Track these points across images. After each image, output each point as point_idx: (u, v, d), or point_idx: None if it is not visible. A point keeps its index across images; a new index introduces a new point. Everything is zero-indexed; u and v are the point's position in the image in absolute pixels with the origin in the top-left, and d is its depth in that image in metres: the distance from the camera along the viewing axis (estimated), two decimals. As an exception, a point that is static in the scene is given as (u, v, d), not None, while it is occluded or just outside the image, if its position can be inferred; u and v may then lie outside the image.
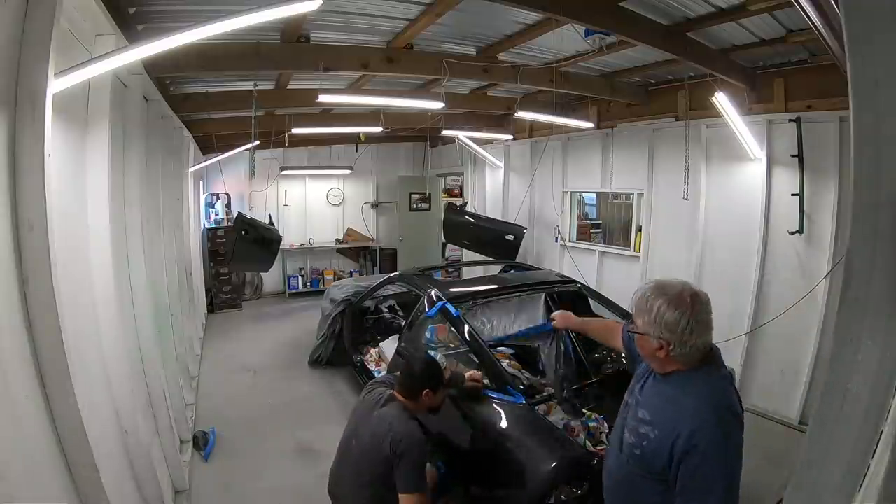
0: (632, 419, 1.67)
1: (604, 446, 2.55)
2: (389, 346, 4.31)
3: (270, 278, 8.82)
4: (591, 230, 7.48)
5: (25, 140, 1.41)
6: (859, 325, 0.87)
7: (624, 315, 3.75)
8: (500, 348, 3.41)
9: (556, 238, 6.70)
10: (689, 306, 1.57)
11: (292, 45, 3.70)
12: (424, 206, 9.45)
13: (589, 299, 4.02)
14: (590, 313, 4.09)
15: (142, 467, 2.49)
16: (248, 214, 6.63)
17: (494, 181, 8.17)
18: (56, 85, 1.55)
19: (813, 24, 2.03)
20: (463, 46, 4.17)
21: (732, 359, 4.31)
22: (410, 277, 4.15)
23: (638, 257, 5.59)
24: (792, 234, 4.08)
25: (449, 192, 10.51)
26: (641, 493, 1.62)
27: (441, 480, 2.46)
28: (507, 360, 3.31)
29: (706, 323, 1.58)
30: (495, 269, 5.69)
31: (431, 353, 2.60)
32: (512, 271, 4.82)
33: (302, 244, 9.13)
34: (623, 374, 3.52)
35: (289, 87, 5.13)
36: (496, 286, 3.70)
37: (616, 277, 5.93)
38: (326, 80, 4.85)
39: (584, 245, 6.55)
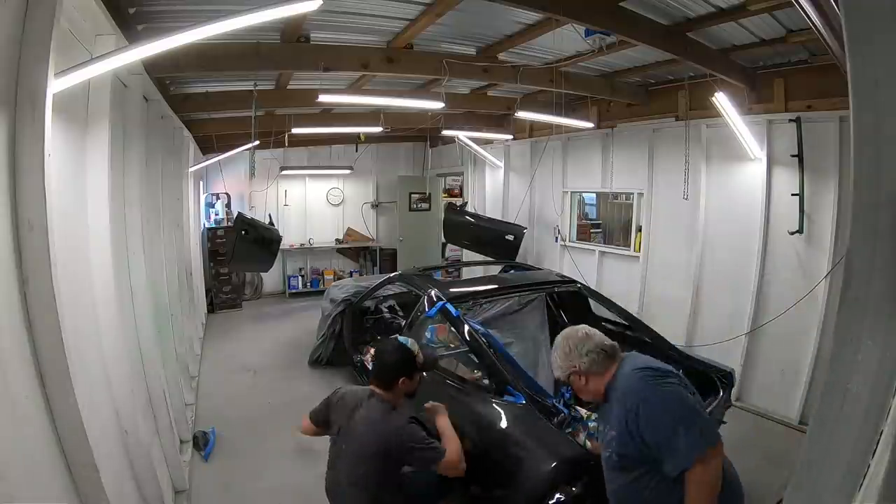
0: (606, 443, 1.92)
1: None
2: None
3: (270, 278, 8.82)
4: (591, 230, 7.48)
5: (25, 140, 1.41)
6: (859, 325, 0.87)
7: (623, 315, 3.76)
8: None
9: (556, 238, 6.70)
10: (564, 339, 1.98)
11: (292, 45, 3.70)
12: (424, 206, 9.45)
13: (589, 299, 4.03)
14: (590, 313, 4.10)
15: (142, 467, 2.49)
16: (248, 214, 6.63)
17: (494, 181, 8.17)
18: (56, 85, 1.55)
19: (813, 24, 2.03)
20: (463, 46, 4.17)
21: (732, 359, 4.30)
22: (410, 277, 4.15)
23: (638, 257, 5.59)
24: (792, 234, 4.08)
25: (449, 192, 10.51)
26: (641, 493, 1.76)
27: (440, 482, 2.46)
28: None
29: (582, 338, 1.94)
30: (495, 269, 5.70)
31: (401, 339, 2.62)
32: (512, 271, 4.82)
33: (302, 244, 9.13)
34: (623, 374, 3.53)
35: (289, 87, 5.13)
36: (496, 286, 3.70)
37: (616, 277, 5.93)
38: (326, 80, 4.85)
39: (584, 245, 6.55)
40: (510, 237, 6.61)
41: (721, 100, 3.90)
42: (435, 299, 3.36)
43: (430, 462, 2.20)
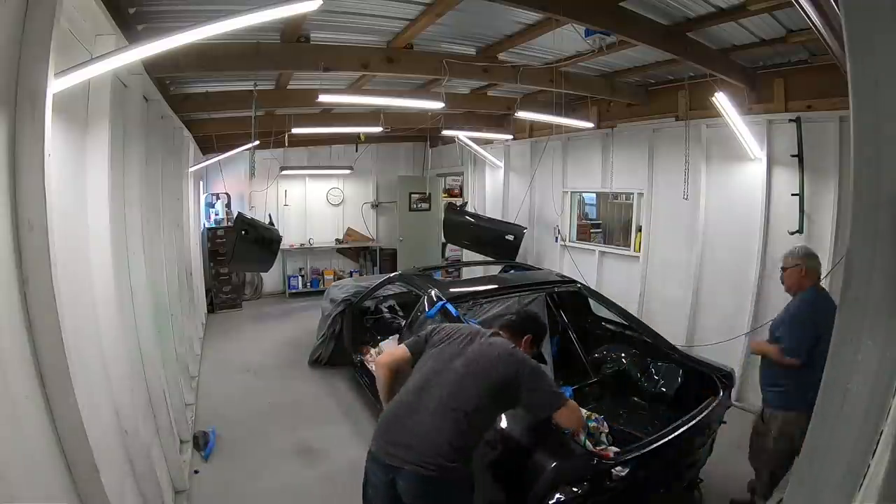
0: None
1: (603, 446, 2.55)
2: (389, 346, 4.31)
3: (270, 278, 8.82)
4: (591, 230, 7.48)
5: (25, 140, 1.41)
6: (859, 325, 0.87)
7: (623, 315, 3.76)
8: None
9: (556, 238, 6.70)
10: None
11: (292, 45, 3.70)
12: (424, 206, 9.45)
13: (589, 299, 4.03)
14: (590, 313, 4.10)
15: (142, 467, 2.49)
16: (248, 214, 6.63)
17: (494, 181, 8.17)
18: (56, 85, 1.55)
19: (813, 24, 2.03)
20: (463, 46, 4.17)
21: (733, 359, 4.30)
22: (410, 277, 4.15)
23: (638, 257, 5.59)
24: (792, 234, 4.08)
25: (449, 192, 10.50)
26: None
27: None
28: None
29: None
30: (495, 269, 5.70)
31: None
32: (512, 271, 4.82)
33: (302, 244, 9.13)
34: (622, 374, 3.55)
35: (289, 87, 5.13)
36: (496, 286, 3.70)
37: (616, 277, 5.93)
38: (326, 80, 4.85)
39: (584, 245, 6.55)
40: (510, 237, 6.61)
41: (721, 100, 3.90)
42: (435, 299, 3.36)
43: (551, 403, 2.09)
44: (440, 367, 2.13)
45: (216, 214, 8.49)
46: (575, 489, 2.14)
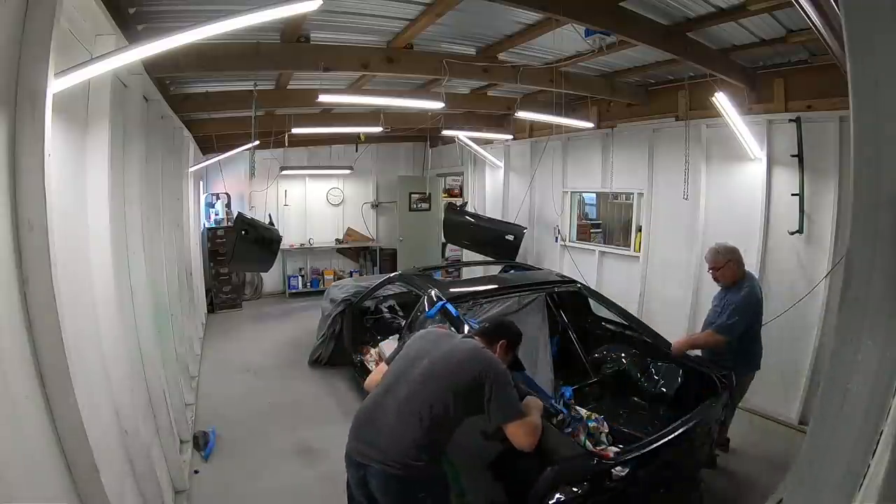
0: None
1: (603, 446, 2.55)
2: (389, 346, 4.31)
3: (270, 278, 8.82)
4: (591, 230, 7.48)
5: (25, 140, 1.41)
6: (859, 325, 0.87)
7: (623, 315, 3.76)
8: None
9: (556, 238, 6.70)
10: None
11: (292, 45, 3.70)
12: (424, 206, 9.44)
13: (589, 299, 4.03)
14: (590, 313, 4.10)
15: (142, 467, 2.49)
16: (248, 214, 6.63)
17: (494, 181, 8.17)
18: (56, 85, 1.55)
19: (813, 24, 2.03)
20: (463, 46, 4.17)
21: (732, 359, 4.30)
22: (410, 277, 4.15)
23: (638, 257, 5.58)
24: (792, 234, 4.08)
25: (449, 192, 10.50)
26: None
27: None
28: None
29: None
30: (495, 269, 5.70)
31: None
32: (512, 271, 4.82)
33: (302, 244, 9.13)
34: (622, 374, 3.55)
35: (289, 87, 5.13)
36: (496, 286, 3.70)
37: (616, 277, 5.92)
38: (326, 80, 4.85)
39: (584, 245, 6.55)
40: (510, 237, 6.61)
41: (721, 100, 3.90)
42: (435, 299, 3.36)
43: (505, 414, 2.02)
44: (407, 366, 2.15)
45: (216, 214, 8.49)
46: (575, 489, 2.14)
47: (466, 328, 2.86)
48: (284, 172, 8.67)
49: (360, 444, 2.02)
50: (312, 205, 9.31)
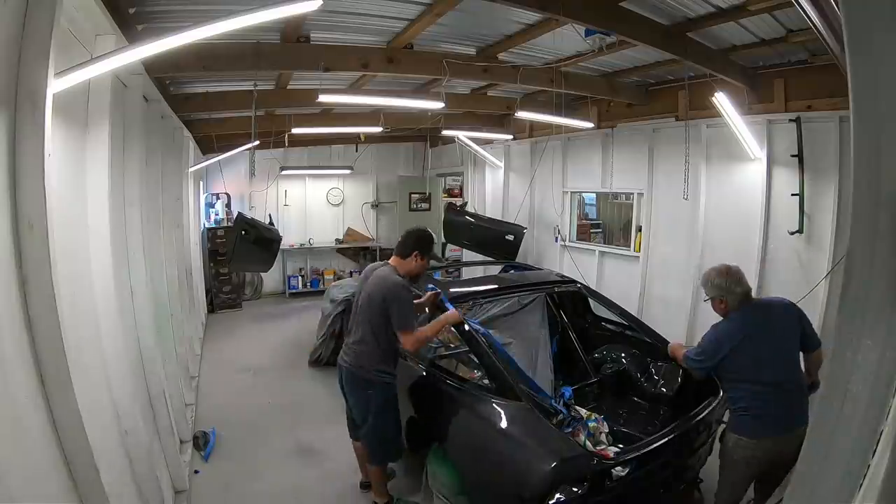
0: None
1: (603, 446, 2.55)
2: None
3: (270, 278, 8.82)
4: (591, 230, 7.48)
5: (25, 140, 1.40)
6: (859, 325, 0.87)
7: (623, 315, 3.76)
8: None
9: (556, 238, 6.70)
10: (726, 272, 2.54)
11: (292, 45, 3.70)
12: (424, 206, 9.45)
13: (589, 299, 4.03)
14: (589, 313, 4.10)
15: (142, 467, 2.49)
16: (249, 214, 6.63)
17: (494, 181, 8.17)
18: (56, 85, 1.55)
19: (813, 24, 2.02)
20: (463, 46, 4.17)
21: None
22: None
23: (638, 257, 5.59)
24: (792, 234, 4.08)
25: (449, 192, 10.50)
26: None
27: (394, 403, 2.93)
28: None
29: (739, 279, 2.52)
30: (495, 269, 5.69)
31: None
32: (512, 271, 4.82)
33: (302, 244, 9.13)
34: (622, 374, 3.55)
35: (289, 87, 5.13)
36: (496, 286, 3.70)
37: (616, 277, 5.93)
38: (326, 80, 4.85)
39: (584, 245, 6.55)
40: (510, 237, 6.61)
41: (721, 100, 3.90)
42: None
43: (401, 323, 2.67)
44: (357, 298, 2.94)
45: (216, 214, 8.49)
46: (575, 489, 2.14)
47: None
48: (284, 172, 8.67)
49: (342, 352, 2.95)
50: (312, 205, 9.32)
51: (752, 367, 2.31)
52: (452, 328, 3.24)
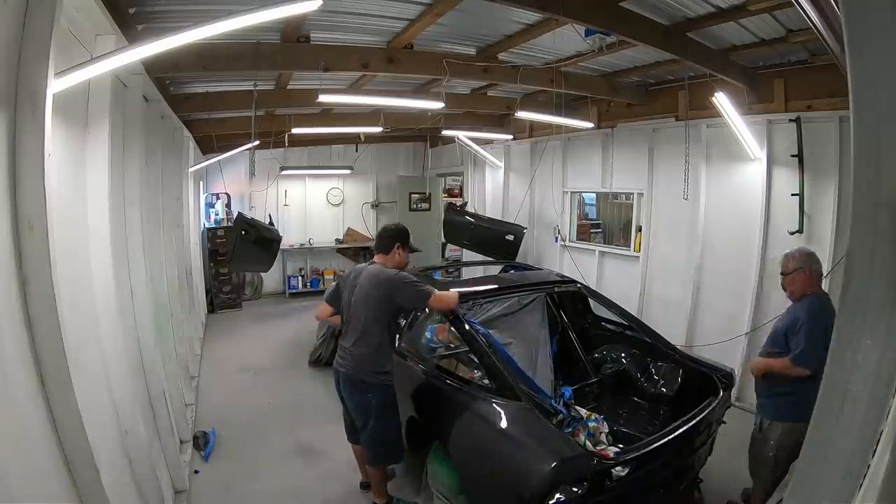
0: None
1: (603, 446, 2.55)
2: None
3: (270, 278, 8.82)
4: (591, 230, 7.48)
5: (25, 140, 1.40)
6: (859, 325, 0.87)
7: (623, 315, 3.76)
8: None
9: (556, 238, 6.70)
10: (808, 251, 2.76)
11: (292, 45, 3.70)
12: (424, 206, 9.45)
13: (589, 299, 4.03)
14: (589, 313, 4.10)
15: (142, 467, 2.49)
16: (249, 214, 6.63)
17: (494, 181, 8.17)
18: (56, 85, 1.55)
19: (813, 24, 2.02)
20: (463, 46, 4.17)
21: (733, 359, 4.30)
22: (410, 277, 4.15)
23: (638, 257, 5.59)
24: (792, 234, 4.08)
25: (449, 192, 10.50)
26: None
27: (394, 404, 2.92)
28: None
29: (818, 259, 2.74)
30: (495, 269, 5.69)
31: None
32: (512, 271, 4.82)
33: (302, 244, 9.13)
34: (622, 374, 3.55)
35: (289, 87, 5.13)
36: (496, 286, 3.70)
37: (616, 277, 5.93)
38: (326, 80, 4.85)
39: (584, 245, 6.55)
40: (510, 237, 6.61)
41: (721, 100, 3.90)
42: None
43: (421, 298, 2.78)
44: (347, 302, 2.90)
45: (216, 214, 8.48)
46: (575, 489, 2.14)
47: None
48: (284, 172, 8.67)
49: (337, 357, 2.95)
50: (312, 205, 9.32)
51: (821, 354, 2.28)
52: (452, 328, 3.25)
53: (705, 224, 4.84)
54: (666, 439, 2.44)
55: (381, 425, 2.84)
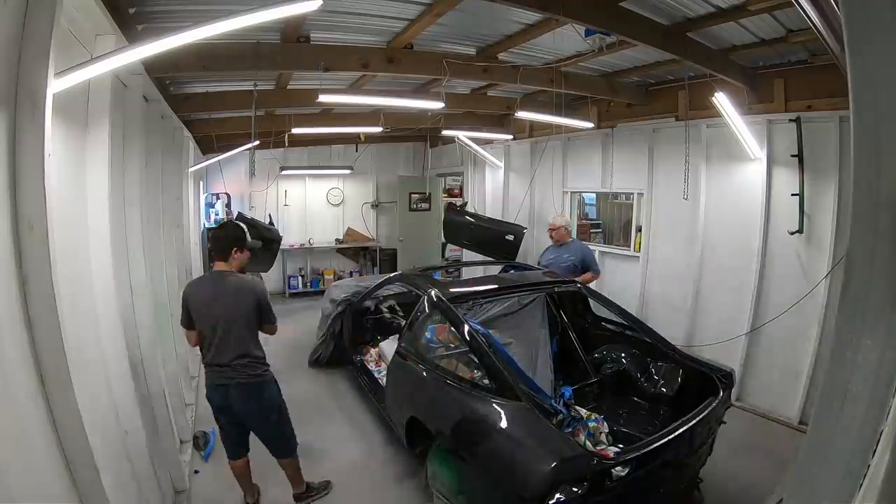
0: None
1: (603, 446, 2.55)
2: (389, 346, 4.31)
3: (270, 278, 8.81)
4: (591, 230, 7.48)
5: (25, 140, 1.40)
6: (859, 325, 0.87)
7: (623, 315, 3.77)
8: None
9: (557, 238, 6.68)
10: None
11: (292, 45, 3.70)
12: (424, 206, 9.45)
13: (589, 299, 4.03)
14: (589, 313, 4.10)
15: (142, 467, 2.49)
16: (249, 214, 6.63)
17: (494, 181, 8.17)
18: (56, 85, 1.55)
19: (813, 24, 2.02)
20: (463, 46, 4.17)
21: (732, 359, 4.30)
22: (410, 278, 4.15)
23: (638, 257, 5.59)
24: (792, 234, 4.08)
25: (449, 192, 10.50)
26: None
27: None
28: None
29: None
30: (495, 269, 5.70)
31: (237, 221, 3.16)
32: (512, 271, 4.82)
33: (302, 244, 9.13)
34: (622, 374, 3.55)
35: (289, 87, 5.13)
36: (496, 286, 3.70)
37: (616, 277, 5.92)
38: (326, 80, 4.85)
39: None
40: (510, 237, 6.60)
41: (721, 100, 3.90)
42: (435, 299, 3.36)
43: (272, 317, 2.99)
44: (212, 323, 2.76)
45: (216, 214, 8.47)
46: (575, 489, 2.14)
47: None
48: (284, 172, 8.66)
49: (217, 375, 2.80)
50: (312, 205, 9.31)
51: None
52: (452, 328, 3.25)
53: (705, 224, 4.84)
54: (666, 439, 2.44)
55: (279, 416, 2.94)
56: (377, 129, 6.75)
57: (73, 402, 1.52)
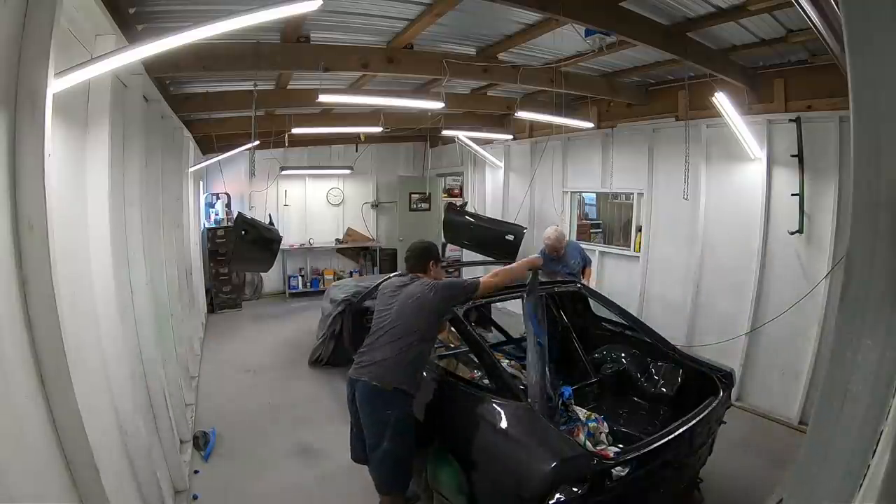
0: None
1: (603, 446, 2.55)
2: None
3: (270, 278, 8.82)
4: (591, 230, 7.47)
5: (25, 140, 1.40)
6: (859, 325, 0.87)
7: (623, 315, 3.77)
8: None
9: (556, 238, 6.68)
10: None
11: (292, 45, 3.70)
12: (424, 206, 9.44)
13: (589, 299, 4.03)
14: (589, 313, 4.10)
15: (142, 467, 2.49)
16: (248, 214, 6.63)
17: (494, 181, 8.17)
18: (56, 85, 1.55)
19: (813, 24, 2.03)
20: (463, 46, 4.17)
21: (733, 359, 4.30)
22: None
23: (638, 257, 5.59)
24: (792, 234, 4.08)
25: (449, 192, 10.50)
26: None
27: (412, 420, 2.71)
28: (508, 362, 3.32)
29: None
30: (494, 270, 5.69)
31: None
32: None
33: (302, 244, 9.13)
34: (622, 374, 3.55)
35: (289, 87, 5.13)
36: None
37: (616, 277, 5.93)
38: (326, 80, 4.85)
39: (584, 245, 6.50)
40: (510, 237, 6.60)
41: (721, 100, 3.90)
42: None
43: (471, 289, 2.82)
44: (384, 312, 2.77)
45: (216, 214, 8.48)
46: (575, 489, 2.14)
47: None
48: (284, 172, 8.66)
49: (356, 367, 2.68)
50: (312, 205, 9.31)
51: None
52: (452, 328, 3.25)
53: (705, 224, 4.84)
54: (666, 439, 2.44)
55: (396, 446, 2.56)
56: (377, 129, 6.75)
57: (73, 402, 1.52)
